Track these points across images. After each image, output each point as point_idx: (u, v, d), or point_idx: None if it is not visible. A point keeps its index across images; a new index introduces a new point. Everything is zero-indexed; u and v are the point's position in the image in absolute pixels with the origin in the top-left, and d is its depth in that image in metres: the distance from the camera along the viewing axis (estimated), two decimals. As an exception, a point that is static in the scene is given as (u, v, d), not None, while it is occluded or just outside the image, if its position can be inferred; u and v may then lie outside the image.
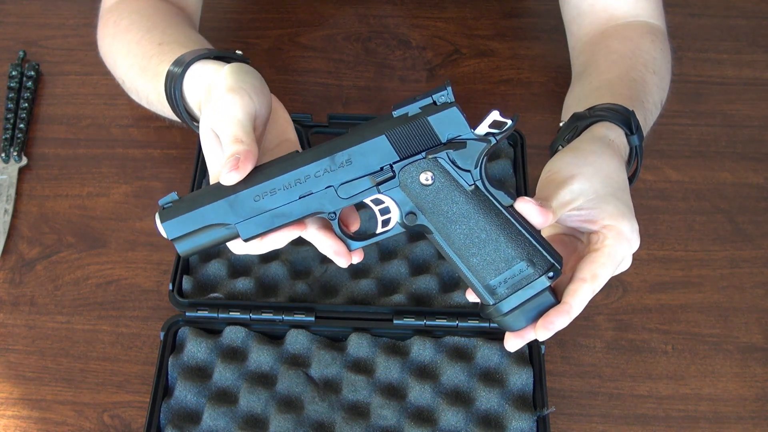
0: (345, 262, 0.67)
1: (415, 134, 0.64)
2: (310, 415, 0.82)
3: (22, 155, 1.02)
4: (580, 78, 0.94)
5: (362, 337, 0.86)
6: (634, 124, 0.77)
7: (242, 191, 0.63)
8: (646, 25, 0.94)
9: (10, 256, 0.95)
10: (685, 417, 0.85)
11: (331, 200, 0.64)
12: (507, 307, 0.66)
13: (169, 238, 0.64)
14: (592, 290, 0.66)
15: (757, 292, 0.93)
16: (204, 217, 0.64)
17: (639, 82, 0.87)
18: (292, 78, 1.11)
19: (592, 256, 0.67)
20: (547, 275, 0.65)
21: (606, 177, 0.70)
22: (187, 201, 0.64)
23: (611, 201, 0.68)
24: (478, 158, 0.64)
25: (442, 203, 0.65)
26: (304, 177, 0.64)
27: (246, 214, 0.63)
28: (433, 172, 0.64)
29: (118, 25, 0.91)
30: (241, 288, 0.89)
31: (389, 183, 0.65)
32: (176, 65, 0.77)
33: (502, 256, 0.65)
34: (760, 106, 1.09)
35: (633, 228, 0.68)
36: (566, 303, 0.66)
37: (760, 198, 1.01)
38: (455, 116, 0.64)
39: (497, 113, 0.64)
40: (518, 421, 0.81)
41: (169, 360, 0.85)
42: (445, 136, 0.64)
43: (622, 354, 0.89)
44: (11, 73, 1.08)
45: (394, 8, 1.19)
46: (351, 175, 0.64)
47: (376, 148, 0.64)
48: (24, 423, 0.84)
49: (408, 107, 0.65)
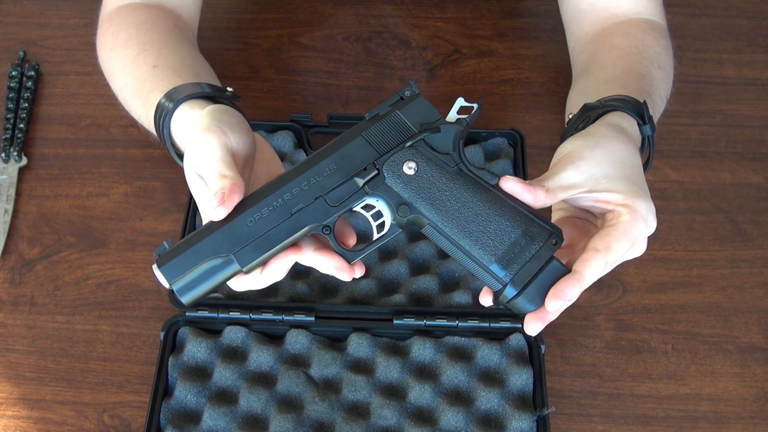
0: (348, 277, 0.67)
1: (389, 129, 0.66)
2: (310, 415, 0.82)
3: (22, 155, 1.02)
4: (583, 74, 0.94)
5: (362, 337, 0.86)
6: (646, 115, 0.77)
7: (234, 219, 0.63)
8: (648, 22, 0.94)
9: (10, 256, 0.95)
10: (685, 417, 0.85)
11: (323, 211, 0.65)
12: (517, 286, 0.64)
13: (169, 282, 0.63)
14: (604, 262, 0.64)
15: (757, 292, 0.93)
16: (200, 253, 0.63)
17: (646, 76, 0.86)
18: (292, 78, 1.11)
19: (607, 230, 0.65)
20: (549, 244, 0.64)
21: (618, 161, 0.69)
22: (181, 243, 0.64)
23: (625, 183, 0.67)
24: (455, 141, 0.66)
25: (430, 189, 0.65)
26: (291, 193, 0.64)
27: (241, 242, 0.63)
28: (416, 160, 0.65)
29: (116, 38, 0.91)
30: (241, 288, 0.89)
31: (375, 181, 0.65)
32: (168, 99, 0.77)
33: (498, 232, 0.64)
34: (760, 106, 1.09)
35: (649, 208, 0.67)
36: (577, 272, 0.64)
37: (760, 198, 1.01)
38: (424, 105, 0.67)
39: (462, 100, 0.67)
40: (518, 421, 0.81)
41: (169, 360, 0.85)
42: (418, 124, 0.66)
43: (622, 354, 0.89)
44: (11, 73, 1.08)
45: (394, 8, 1.19)
46: (337, 180, 0.65)
47: (356, 150, 0.66)
48: (24, 423, 0.84)
49: (378, 108, 0.67)
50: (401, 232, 0.67)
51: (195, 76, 0.82)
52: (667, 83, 0.90)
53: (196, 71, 0.85)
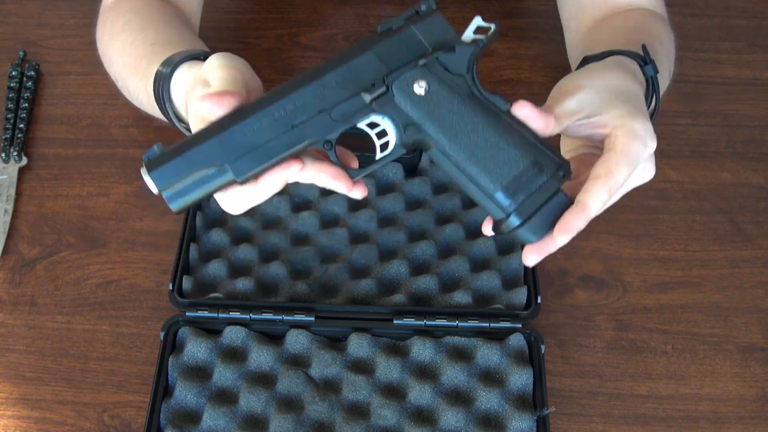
0: (346, 188, 0.63)
1: (402, 45, 0.63)
2: (310, 415, 0.82)
3: (22, 155, 1.02)
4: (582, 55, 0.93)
5: (362, 337, 0.86)
6: (647, 57, 0.75)
7: (231, 128, 0.60)
8: (649, 11, 0.94)
9: (10, 256, 0.95)
10: (685, 417, 0.85)
11: (326, 125, 0.62)
12: (521, 216, 0.62)
13: (158, 188, 0.60)
14: (607, 188, 0.62)
15: (757, 292, 0.93)
16: (194, 160, 0.60)
17: (648, 45, 0.84)
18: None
19: (606, 155, 0.64)
20: (557, 175, 0.63)
21: (613, 85, 0.68)
22: (173, 148, 0.61)
23: (620, 104, 0.66)
24: (469, 62, 0.64)
25: (440, 110, 0.63)
26: (295, 104, 0.61)
27: (238, 152, 0.60)
28: (427, 79, 0.63)
29: (114, 25, 0.91)
30: (241, 288, 0.89)
31: (383, 99, 0.63)
32: (165, 65, 0.77)
33: (507, 161, 0.62)
34: (760, 106, 1.09)
35: (646, 127, 0.65)
36: (581, 201, 0.62)
37: (760, 198, 1.01)
38: (440, 22, 0.64)
39: (479, 19, 0.65)
40: (518, 421, 0.81)
41: (169, 360, 0.85)
42: (433, 43, 0.63)
43: (622, 354, 0.89)
44: (11, 73, 1.08)
45: (394, 8, 1.19)
46: (343, 95, 0.62)
47: (366, 65, 0.63)
48: (24, 423, 0.84)
49: (391, 21, 0.64)
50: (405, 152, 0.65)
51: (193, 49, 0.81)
52: (668, 60, 0.89)
53: (194, 46, 0.84)
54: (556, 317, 0.91)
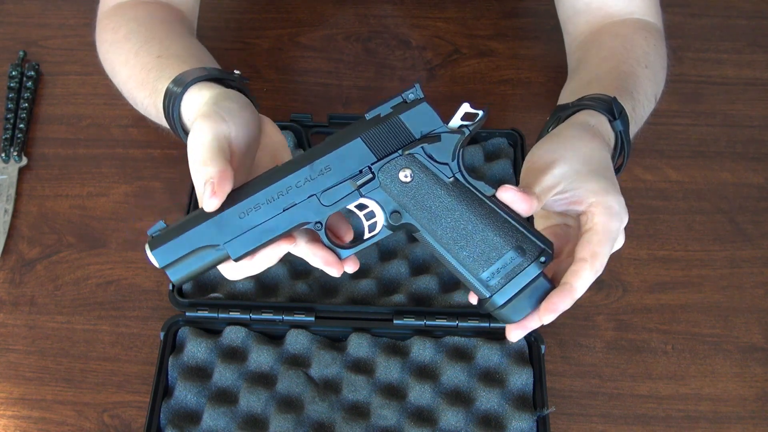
0: (336, 272, 0.66)
1: (389, 133, 0.65)
2: (310, 415, 0.82)
3: (22, 155, 1.02)
4: (572, 75, 0.94)
5: (362, 337, 0.86)
6: (616, 110, 0.77)
7: (227, 210, 0.63)
8: (640, 22, 0.94)
9: (10, 256, 0.95)
10: (685, 417, 0.85)
11: (315, 209, 0.64)
12: (503, 298, 0.65)
13: (160, 265, 0.64)
14: (593, 271, 0.65)
15: (757, 292, 0.93)
16: (192, 240, 0.63)
17: (629, 74, 0.86)
18: (292, 78, 1.11)
19: (587, 236, 0.66)
20: (538, 261, 0.65)
21: (586, 157, 0.70)
22: (174, 227, 0.64)
23: (593, 178, 0.68)
24: (455, 150, 0.65)
25: (424, 199, 0.65)
26: (285, 189, 0.64)
27: (233, 233, 0.63)
28: (412, 168, 0.65)
29: (116, 33, 0.90)
30: (241, 288, 0.89)
31: (370, 185, 0.65)
32: (176, 84, 0.77)
33: (490, 246, 0.64)
34: (760, 106, 1.09)
35: (620, 202, 0.67)
36: (567, 283, 0.65)
37: (760, 198, 1.00)
38: (426, 111, 0.65)
39: (468, 105, 0.65)
40: (518, 421, 0.81)
41: (169, 360, 0.85)
42: (419, 131, 0.65)
43: (622, 354, 0.89)
44: (11, 73, 1.08)
45: (394, 8, 1.19)
46: (331, 181, 0.65)
47: (353, 152, 0.65)
48: (24, 423, 0.84)
49: (379, 108, 0.66)
50: (392, 234, 0.67)
51: (200, 64, 0.82)
52: (654, 82, 0.90)
53: (201, 60, 0.85)
54: (556, 317, 0.91)
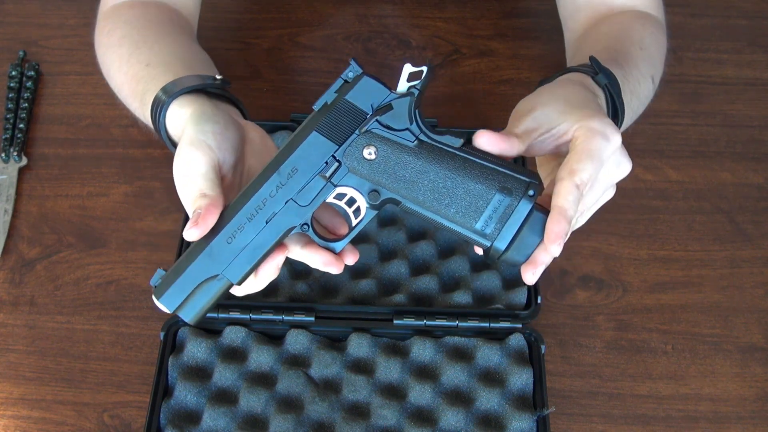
0: (338, 269, 0.66)
1: (341, 117, 0.65)
2: (310, 415, 0.82)
3: (22, 155, 1.02)
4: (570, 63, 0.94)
5: (362, 337, 0.86)
6: (595, 65, 0.77)
7: (214, 240, 0.64)
8: (640, 13, 0.94)
9: (10, 256, 0.95)
10: (685, 417, 0.85)
11: (296, 212, 0.65)
12: (504, 242, 0.64)
13: (171, 310, 0.65)
14: (573, 185, 0.63)
15: (757, 292, 0.93)
16: (192, 278, 0.64)
17: (620, 52, 0.85)
18: (292, 78, 1.11)
19: (567, 156, 0.65)
20: (527, 196, 0.64)
21: (568, 98, 0.70)
22: (172, 271, 0.65)
23: (574, 111, 0.67)
24: (410, 113, 0.65)
25: (395, 170, 0.64)
26: (262, 202, 0.64)
27: (227, 260, 0.64)
28: (373, 144, 0.65)
29: (111, 36, 0.91)
30: (241, 288, 0.89)
31: (339, 173, 0.65)
32: (156, 103, 0.77)
33: (475, 196, 0.64)
34: (760, 106, 1.09)
35: (603, 123, 0.65)
36: (556, 206, 0.63)
37: (760, 198, 1.01)
38: (370, 84, 0.65)
39: (409, 65, 0.65)
40: (518, 421, 0.81)
41: (169, 360, 0.85)
42: (369, 106, 0.65)
43: (622, 354, 0.89)
44: (11, 73, 1.08)
45: (394, 8, 1.19)
46: (302, 181, 0.65)
47: (313, 146, 0.65)
48: (24, 423, 0.84)
49: (325, 96, 0.65)
50: (379, 212, 0.67)
51: (187, 69, 0.81)
52: (650, 64, 0.89)
53: (188, 63, 0.84)
54: (556, 317, 0.91)
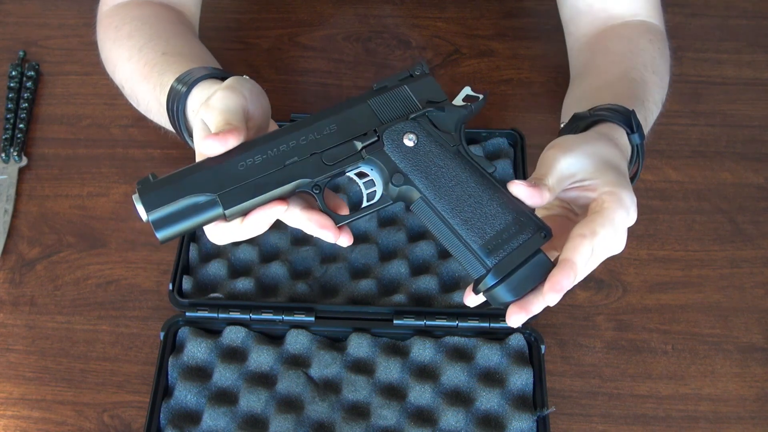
0: (332, 237, 0.65)
1: (395, 101, 0.67)
2: (310, 415, 0.82)
3: (22, 155, 1.02)
4: (578, 79, 0.94)
5: (362, 337, 0.86)
6: (635, 123, 0.77)
7: (227, 161, 0.62)
8: (644, 25, 0.94)
9: (10, 256, 0.95)
10: (685, 417, 0.85)
11: (316, 168, 0.64)
12: (500, 273, 0.62)
13: (147, 214, 0.61)
14: (591, 248, 0.62)
15: (757, 292, 0.93)
16: (185, 188, 0.62)
17: (639, 82, 0.86)
18: (292, 78, 1.11)
19: (591, 216, 0.64)
20: (538, 235, 0.63)
21: (604, 155, 0.70)
22: (166, 177, 0.63)
23: (610, 172, 0.68)
24: (457, 123, 0.66)
25: (428, 164, 0.65)
26: (288, 144, 0.64)
27: (229, 184, 0.62)
28: (416, 132, 0.66)
29: (119, 30, 0.91)
30: (241, 288, 0.89)
31: (374, 146, 0.65)
32: (180, 82, 0.77)
33: (490, 216, 0.63)
34: (760, 106, 1.09)
35: (632, 199, 0.66)
36: (568, 259, 0.61)
37: (760, 198, 1.01)
38: (432, 84, 0.67)
39: (469, 89, 0.68)
40: (518, 421, 0.81)
41: (169, 360, 0.85)
42: (424, 102, 0.67)
43: (622, 354, 0.89)
44: (11, 73, 1.08)
45: (394, 8, 1.19)
46: (336, 140, 0.65)
47: (360, 115, 0.66)
48: (24, 423, 0.84)
49: (387, 80, 0.68)
50: (390, 204, 0.66)
51: (204, 65, 0.82)
52: (661, 88, 0.90)
53: (206, 60, 0.85)
54: (556, 317, 0.91)
